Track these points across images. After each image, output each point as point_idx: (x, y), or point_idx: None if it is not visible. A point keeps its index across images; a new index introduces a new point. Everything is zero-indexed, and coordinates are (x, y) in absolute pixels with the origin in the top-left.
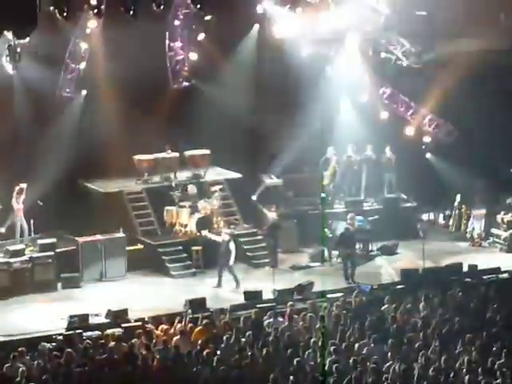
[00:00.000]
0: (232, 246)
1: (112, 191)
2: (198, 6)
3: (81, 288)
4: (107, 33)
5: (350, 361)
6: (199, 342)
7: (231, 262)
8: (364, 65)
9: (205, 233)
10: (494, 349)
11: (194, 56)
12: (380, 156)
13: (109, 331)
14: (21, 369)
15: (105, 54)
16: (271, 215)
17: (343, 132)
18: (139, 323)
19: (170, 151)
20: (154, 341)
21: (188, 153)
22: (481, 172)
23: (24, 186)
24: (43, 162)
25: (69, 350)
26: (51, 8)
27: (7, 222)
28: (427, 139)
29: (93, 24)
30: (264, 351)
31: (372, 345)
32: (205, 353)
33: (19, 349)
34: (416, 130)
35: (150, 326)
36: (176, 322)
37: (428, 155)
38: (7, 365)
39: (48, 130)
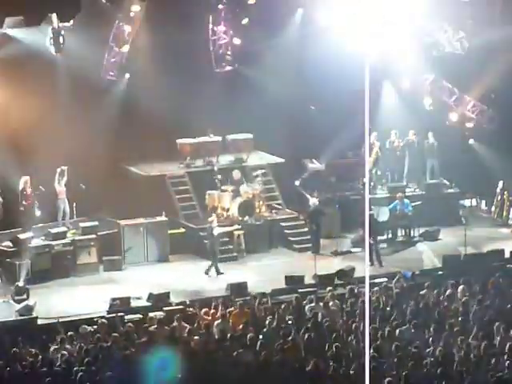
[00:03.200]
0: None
1: (154, 175)
2: None
3: (122, 271)
4: (151, 16)
5: (392, 346)
6: (240, 326)
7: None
8: (407, 50)
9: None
10: None
11: (237, 41)
12: (423, 142)
13: (151, 314)
14: (61, 353)
15: (148, 38)
16: (313, 200)
17: (386, 118)
18: (181, 307)
19: (212, 135)
20: (195, 324)
21: (230, 137)
22: None
23: (65, 168)
24: (86, 146)
25: (111, 333)
26: None
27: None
28: (470, 125)
29: (136, 7)
30: (305, 336)
31: (413, 330)
32: (248, 337)
33: (61, 334)
34: (459, 116)
35: (191, 309)
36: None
37: (471, 141)
38: (49, 348)
39: (91, 113)
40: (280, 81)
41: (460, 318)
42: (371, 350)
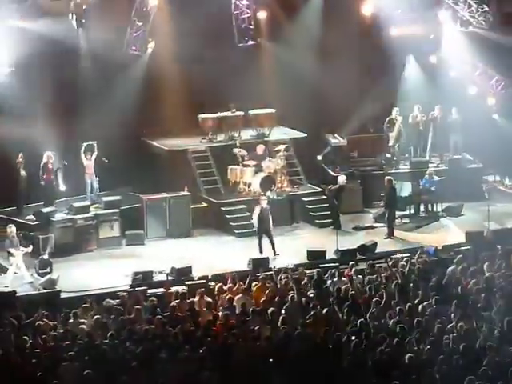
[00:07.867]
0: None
1: (177, 149)
2: None
3: (145, 245)
4: None
5: (414, 322)
6: (261, 300)
7: (271, 227)
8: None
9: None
10: None
11: (261, 15)
12: (446, 117)
13: (173, 289)
14: (81, 326)
15: (171, 12)
16: (342, 178)
17: (409, 92)
18: (203, 281)
19: (234, 110)
20: (217, 299)
21: (253, 112)
22: None
23: (93, 142)
24: (109, 120)
25: (135, 306)
26: None
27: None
28: (493, 100)
29: None
30: (326, 311)
31: (435, 306)
32: (269, 312)
33: (83, 305)
34: (482, 90)
35: (213, 283)
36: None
37: (495, 116)
38: (71, 321)
39: (114, 87)
40: (303, 55)
41: (483, 294)
42: (393, 326)
